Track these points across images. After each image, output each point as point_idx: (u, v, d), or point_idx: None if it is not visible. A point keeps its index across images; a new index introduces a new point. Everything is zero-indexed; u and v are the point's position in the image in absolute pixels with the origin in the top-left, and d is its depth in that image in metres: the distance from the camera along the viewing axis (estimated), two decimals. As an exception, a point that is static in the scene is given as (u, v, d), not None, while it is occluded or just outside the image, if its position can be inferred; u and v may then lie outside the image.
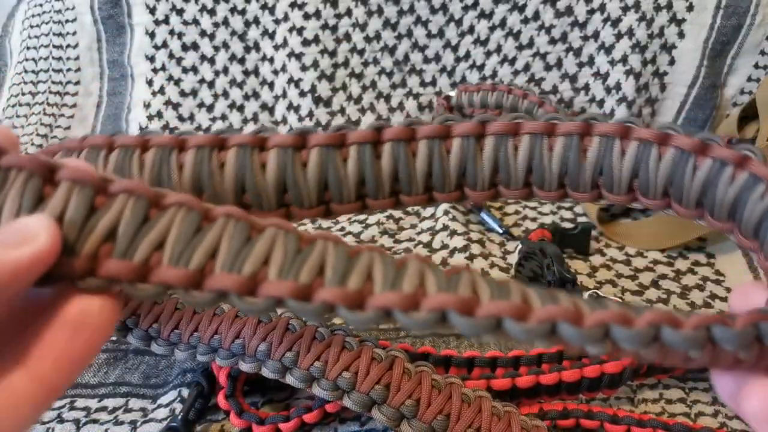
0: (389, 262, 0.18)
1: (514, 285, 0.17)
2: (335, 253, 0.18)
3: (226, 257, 0.18)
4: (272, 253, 0.18)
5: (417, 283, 0.17)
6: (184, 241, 0.18)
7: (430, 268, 0.17)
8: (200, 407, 0.33)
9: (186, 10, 0.57)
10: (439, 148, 0.23)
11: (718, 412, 0.34)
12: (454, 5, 0.56)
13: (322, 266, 0.18)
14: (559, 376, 0.31)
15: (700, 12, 0.54)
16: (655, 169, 0.22)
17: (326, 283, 0.17)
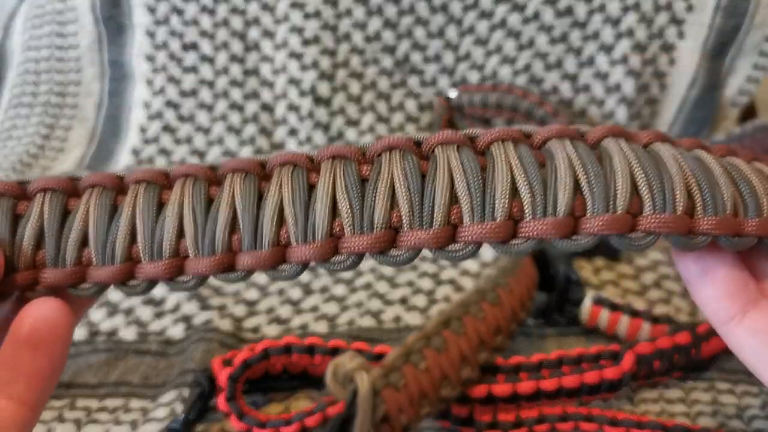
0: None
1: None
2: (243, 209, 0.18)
3: (144, 241, 0.18)
4: (184, 225, 0.18)
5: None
6: (102, 233, 0.18)
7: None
8: (200, 407, 0.33)
9: (186, 11, 0.57)
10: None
11: (717, 412, 0.34)
12: (454, 5, 0.56)
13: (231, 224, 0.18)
14: (559, 381, 0.31)
15: (700, 13, 0.54)
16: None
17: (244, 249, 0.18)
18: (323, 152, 0.19)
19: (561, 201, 0.17)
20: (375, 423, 0.28)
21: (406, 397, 0.29)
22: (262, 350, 0.33)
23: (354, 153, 0.19)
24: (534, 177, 0.18)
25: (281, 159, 0.19)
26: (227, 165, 0.19)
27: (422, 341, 0.30)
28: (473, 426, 0.32)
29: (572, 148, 0.18)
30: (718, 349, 0.36)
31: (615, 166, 0.18)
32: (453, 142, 0.19)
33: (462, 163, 0.18)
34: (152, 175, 0.19)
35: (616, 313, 0.37)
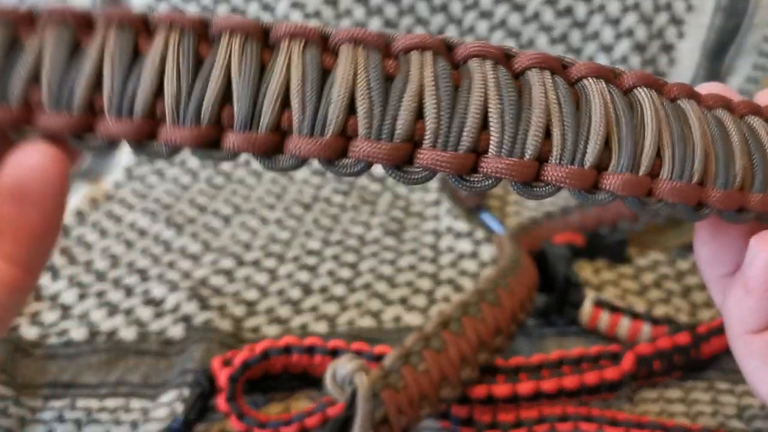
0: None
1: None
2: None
3: (112, 93, 0.15)
4: (165, 83, 0.15)
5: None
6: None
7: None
8: (200, 407, 0.33)
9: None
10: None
11: (717, 411, 0.34)
12: (454, 5, 0.56)
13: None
14: (559, 382, 0.31)
15: (700, 13, 0.54)
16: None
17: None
18: (342, 34, 0.16)
19: (590, 152, 0.16)
20: (374, 424, 0.28)
21: (406, 398, 0.29)
22: (262, 350, 0.33)
23: (378, 42, 0.16)
24: (569, 121, 0.16)
25: (290, 30, 0.16)
26: (222, 22, 0.16)
27: (421, 342, 0.30)
28: (473, 426, 0.32)
29: (608, 93, 0.17)
30: (718, 349, 0.36)
31: (646, 121, 0.17)
32: (490, 57, 0.17)
33: (499, 86, 0.16)
34: (129, 19, 0.16)
35: (616, 315, 0.37)
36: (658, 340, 0.35)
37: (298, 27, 0.16)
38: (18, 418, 0.33)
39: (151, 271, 0.44)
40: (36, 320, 0.40)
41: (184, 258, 0.46)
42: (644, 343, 0.34)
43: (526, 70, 0.17)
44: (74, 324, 0.40)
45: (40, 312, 0.41)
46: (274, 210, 0.52)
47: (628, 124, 0.17)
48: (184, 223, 0.50)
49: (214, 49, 0.16)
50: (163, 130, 0.15)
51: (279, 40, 0.16)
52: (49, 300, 0.42)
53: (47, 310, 0.41)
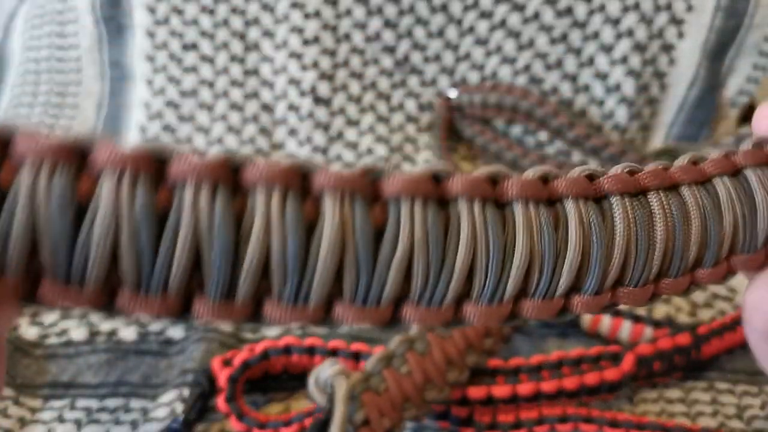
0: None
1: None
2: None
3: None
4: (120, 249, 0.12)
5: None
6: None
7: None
8: (200, 407, 0.33)
9: (186, 11, 0.57)
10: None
11: (717, 412, 0.34)
12: (454, 5, 0.56)
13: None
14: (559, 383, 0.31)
15: (700, 13, 0.54)
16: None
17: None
18: (326, 181, 0.14)
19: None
20: (355, 426, 0.28)
21: (388, 401, 0.29)
22: (262, 351, 0.33)
23: (366, 188, 0.14)
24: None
25: (264, 173, 0.13)
26: (178, 167, 0.13)
27: (405, 344, 0.30)
28: (473, 426, 0.32)
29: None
30: (718, 350, 0.36)
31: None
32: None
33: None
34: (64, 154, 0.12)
35: (617, 319, 0.37)
36: (659, 340, 0.35)
37: (274, 170, 0.13)
38: (18, 418, 0.33)
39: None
40: (36, 320, 0.40)
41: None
42: (645, 343, 0.34)
43: (514, 203, 0.15)
44: (74, 324, 0.40)
45: (39, 312, 0.41)
46: (274, 210, 0.52)
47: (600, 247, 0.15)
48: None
49: (175, 205, 0.13)
50: (124, 299, 0.13)
51: (250, 186, 0.13)
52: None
53: (47, 310, 0.41)
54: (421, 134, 0.59)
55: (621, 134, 0.57)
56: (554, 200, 0.16)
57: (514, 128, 0.58)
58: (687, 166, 0.17)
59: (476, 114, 0.57)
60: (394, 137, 0.58)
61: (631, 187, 0.16)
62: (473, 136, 0.57)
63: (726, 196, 0.17)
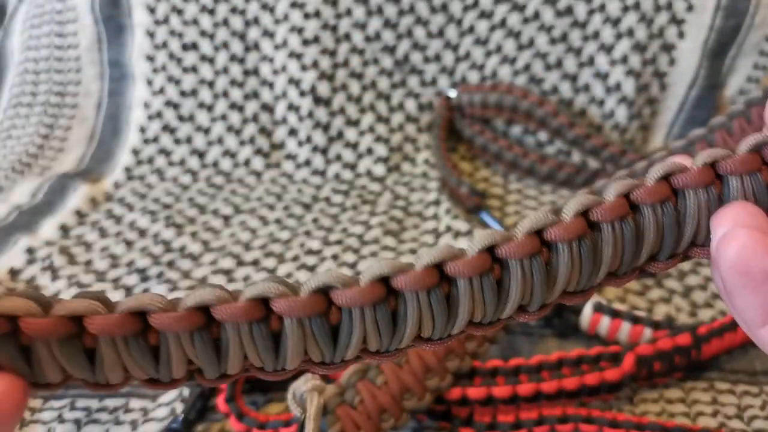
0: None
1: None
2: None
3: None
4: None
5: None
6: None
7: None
8: (200, 407, 0.33)
9: (186, 11, 0.57)
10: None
11: (717, 412, 0.34)
12: (454, 5, 0.56)
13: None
14: (559, 383, 0.31)
15: (700, 13, 0.54)
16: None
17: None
18: (285, 309, 0.17)
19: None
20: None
21: (363, 414, 0.29)
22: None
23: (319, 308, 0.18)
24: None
25: (232, 313, 0.17)
26: (159, 318, 0.17)
27: None
28: (473, 427, 0.32)
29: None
30: (718, 350, 0.36)
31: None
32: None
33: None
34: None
35: (616, 321, 0.37)
36: (659, 341, 0.34)
37: (237, 309, 0.17)
38: (17, 418, 0.33)
39: (151, 271, 0.44)
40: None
41: (184, 258, 0.46)
42: (645, 344, 0.34)
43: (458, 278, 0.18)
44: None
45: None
46: (273, 210, 0.52)
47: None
48: (184, 223, 0.50)
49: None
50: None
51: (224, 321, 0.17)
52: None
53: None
54: (421, 134, 0.59)
55: (621, 134, 0.57)
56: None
57: (514, 128, 0.58)
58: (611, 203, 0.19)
59: (476, 114, 0.57)
60: (394, 137, 0.58)
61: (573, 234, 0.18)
62: (473, 136, 0.57)
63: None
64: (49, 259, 0.45)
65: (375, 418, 0.29)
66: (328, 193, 0.55)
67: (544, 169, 0.55)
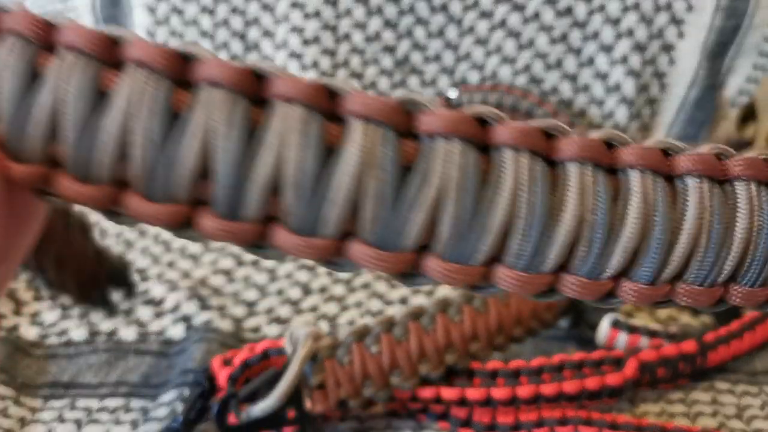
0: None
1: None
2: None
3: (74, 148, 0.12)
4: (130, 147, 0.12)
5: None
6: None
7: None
8: (200, 407, 0.33)
9: (186, 11, 0.57)
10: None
11: (717, 412, 0.34)
12: (454, 5, 0.56)
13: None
14: (560, 386, 0.31)
15: (700, 13, 0.54)
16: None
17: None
18: (356, 103, 0.13)
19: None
20: (310, 387, 0.29)
21: (348, 374, 0.30)
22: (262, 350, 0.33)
23: (400, 119, 0.13)
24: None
25: (288, 88, 0.12)
26: (202, 67, 0.12)
27: (382, 326, 0.31)
28: (472, 427, 0.32)
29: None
30: (725, 358, 0.35)
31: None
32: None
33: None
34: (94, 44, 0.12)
35: (634, 336, 0.36)
36: (664, 347, 0.34)
37: (299, 85, 0.12)
38: (18, 418, 0.33)
39: (151, 271, 0.44)
40: (36, 320, 0.40)
41: (184, 258, 0.46)
42: (648, 349, 0.34)
43: (567, 163, 0.14)
44: (74, 324, 0.40)
45: (39, 312, 0.41)
46: (274, 210, 0.52)
47: (664, 234, 0.14)
48: (184, 223, 0.50)
49: (191, 105, 0.12)
50: (130, 200, 0.13)
51: (273, 98, 0.12)
52: (49, 300, 0.42)
53: (47, 310, 0.41)
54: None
55: (621, 134, 0.57)
56: (616, 168, 0.14)
57: (514, 128, 0.58)
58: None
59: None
60: (394, 137, 0.58)
61: (714, 171, 0.14)
62: (473, 136, 0.57)
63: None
64: (49, 259, 0.45)
65: (358, 381, 0.30)
66: (328, 193, 0.55)
67: (544, 169, 0.55)
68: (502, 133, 0.13)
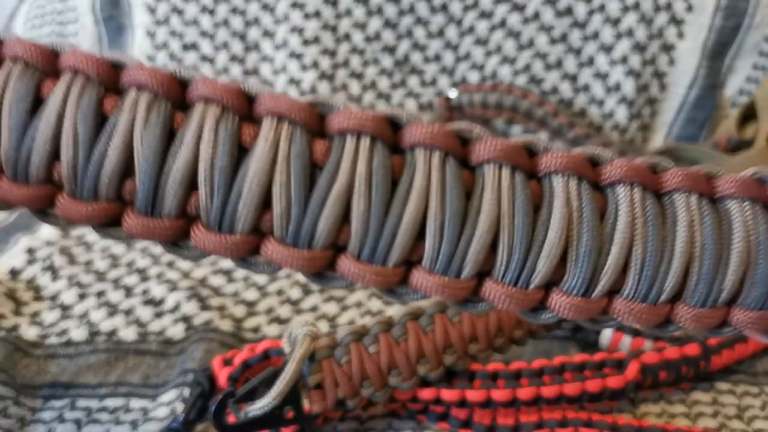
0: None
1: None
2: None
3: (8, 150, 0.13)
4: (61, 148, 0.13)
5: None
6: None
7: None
8: (200, 407, 0.33)
9: (186, 11, 0.57)
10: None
11: (718, 412, 0.34)
12: (454, 5, 0.56)
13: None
14: (560, 388, 0.31)
15: (700, 13, 0.54)
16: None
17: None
18: (267, 103, 0.13)
19: (538, 271, 0.14)
20: (307, 388, 0.29)
21: (345, 374, 0.29)
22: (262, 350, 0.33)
23: (309, 118, 0.13)
24: (519, 236, 0.13)
25: (206, 91, 0.13)
26: (130, 72, 0.13)
27: (381, 326, 0.30)
28: (472, 428, 0.32)
29: (577, 197, 0.14)
30: (728, 361, 0.35)
31: (615, 234, 0.14)
32: (438, 148, 0.13)
33: (444, 189, 0.13)
34: (35, 55, 0.13)
35: (638, 339, 0.36)
36: (666, 350, 0.34)
37: (216, 87, 0.13)
38: (18, 418, 0.33)
39: (151, 271, 0.44)
40: (36, 320, 0.40)
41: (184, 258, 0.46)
42: (651, 352, 0.33)
43: (484, 164, 0.13)
44: (74, 324, 0.40)
45: (39, 312, 0.41)
46: (274, 210, 0.52)
47: (591, 237, 0.13)
48: (184, 223, 0.50)
49: (118, 107, 0.13)
50: (60, 200, 0.13)
51: (193, 101, 0.13)
52: (49, 300, 0.42)
53: (47, 310, 0.41)
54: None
55: (621, 134, 0.57)
56: (538, 176, 0.14)
57: (514, 128, 0.58)
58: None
59: (476, 114, 0.57)
60: (394, 137, 0.58)
61: (701, 187, 0.14)
62: (473, 136, 0.57)
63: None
64: (49, 259, 0.45)
65: (356, 382, 0.30)
66: (328, 193, 0.55)
67: (544, 169, 0.55)
68: (413, 133, 0.13)
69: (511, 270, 0.13)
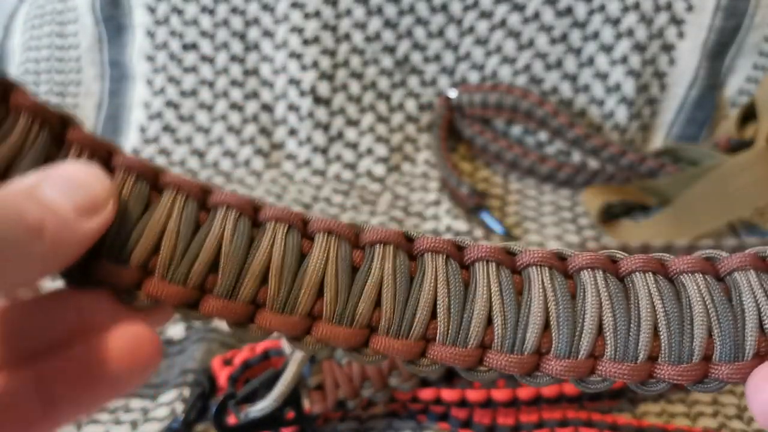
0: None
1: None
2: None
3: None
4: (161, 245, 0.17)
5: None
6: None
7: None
8: (200, 407, 0.33)
9: (186, 11, 0.57)
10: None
11: (718, 412, 0.34)
12: (454, 5, 0.56)
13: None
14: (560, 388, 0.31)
15: (700, 13, 0.54)
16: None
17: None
18: (319, 224, 0.18)
19: (528, 339, 0.18)
20: (308, 388, 0.30)
21: (346, 375, 0.30)
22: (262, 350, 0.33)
23: (349, 233, 0.18)
24: (509, 312, 0.18)
25: (276, 214, 0.18)
26: (219, 197, 0.18)
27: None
28: (472, 428, 0.32)
29: (549, 282, 0.18)
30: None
31: (586, 306, 0.18)
32: (441, 252, 0.18)
33: (448, 280, 0.18)
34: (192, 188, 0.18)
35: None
36: None
37: (283, 212, 0.18)
38: (18, 419, 0.33)
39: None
40: (36, 320, 0.40)
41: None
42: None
43: (476, 263, 0.18)
44: (74, 324, 0.40)
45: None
46: (274, 210, 0.52)
47: (565, 311, 0.17)
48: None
49: (210, 220, 0.18)
50: (149, 283, 0.17)
51: (266, 220, 0.18)
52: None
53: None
54: (421, 134, 0.59)
55: (621, 134, 0.57)
56: (518, 270, 0.18)
57: (514, 128, 0.58)
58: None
59: (476, 114, 0.57)
60: (394, 137, 0.58)
61: (656, 267, 0.18)
62: (473, 135, 0.57)
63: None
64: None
65: (357, 382, 0.30)
66: (329, 194, 0.55)
67: (544, 169, 0.55)
68: (422, 243, 0.18)
69: (506, 340, 0.17)
